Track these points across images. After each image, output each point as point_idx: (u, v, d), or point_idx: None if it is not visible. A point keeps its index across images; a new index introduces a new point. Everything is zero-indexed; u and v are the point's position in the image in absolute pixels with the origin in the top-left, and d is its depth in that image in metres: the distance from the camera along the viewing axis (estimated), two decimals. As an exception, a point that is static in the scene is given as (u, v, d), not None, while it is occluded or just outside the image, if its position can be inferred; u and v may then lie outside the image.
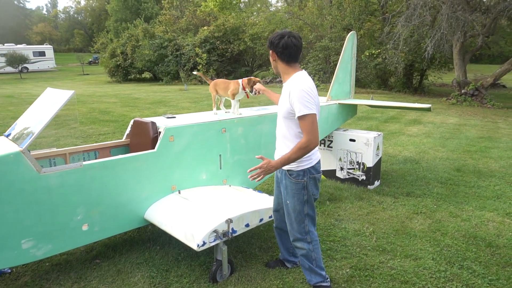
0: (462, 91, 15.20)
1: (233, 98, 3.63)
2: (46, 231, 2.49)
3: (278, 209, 2.82)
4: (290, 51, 2.37)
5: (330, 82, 17.38)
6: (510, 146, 7.47)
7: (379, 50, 17.32)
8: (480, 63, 30.96)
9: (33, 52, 38.43)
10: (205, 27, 24.51)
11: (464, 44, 15.35)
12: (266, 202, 3.06)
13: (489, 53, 24.31)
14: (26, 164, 2.34)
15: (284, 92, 2.45)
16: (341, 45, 19.37)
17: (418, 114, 11.36)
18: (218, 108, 3.91)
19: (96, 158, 3.32)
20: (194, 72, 4.34)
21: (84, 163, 2.61)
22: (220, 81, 3.78)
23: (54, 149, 3.06)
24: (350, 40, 5.26)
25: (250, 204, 2.97)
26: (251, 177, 2.38)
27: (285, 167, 2.48)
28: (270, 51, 2.43)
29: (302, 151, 2.34)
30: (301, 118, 2.31)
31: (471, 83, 15.27)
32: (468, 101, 14.63)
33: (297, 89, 2.33)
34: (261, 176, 2.38)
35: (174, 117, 3.49)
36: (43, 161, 2.98)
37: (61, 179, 2.50)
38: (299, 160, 2.42)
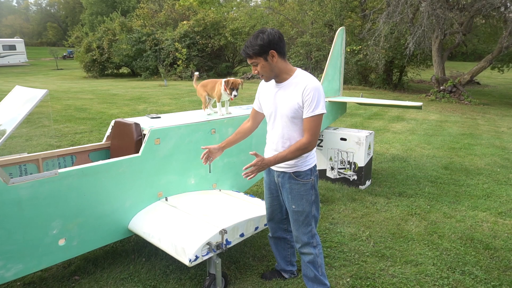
0: (441, 87, 15.45)
1: (219, 101, 3.40)
2: (16, 249, 2.19)
3: (272, 217, 2.63)
4: (284, 43, 2.20)
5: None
6: (492, 142, 7.57)
7: (360, 47, 17.38)
8: (454, 61, 31.71)
9: (3, 45, 36.57)
10: (185, 22, 23.95)
11: (442, 42, 15.59)
12: (259, 208, 2.87)
13: (463, 50, 24.91)
14: (-8, 174, 2.05)
15: (288, 90, 2.22)
16: (323, 41, 19.35)
17: (400, 111, 11.42)
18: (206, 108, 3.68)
19: (73, 164, 3.02)
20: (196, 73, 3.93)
21: (60, 171, 2.32)
22: (208, 81, 3.53)
23: (25, 154, 2.75)
24: (340, 36, 5.11)
25: (244, 211, 2.77)
26: (245, 174, 2.17)
27: (291, 169, 2.31)
28: (269, 56, 2.14)
29: (300, 152, 2.20)
30: (312, 117, 2.14)
31: (449, 80, 15.55)
32: (447, 97, 14.88)
33: (314, 86, 2.15)
34: (254, 174, 2.18)
35: (159, 117, 3.23)
36: (12, 168, 2.67)
37: (33, 190, 2.21)
38: (305, 159, 2.29)
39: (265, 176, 2.56)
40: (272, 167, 2.41)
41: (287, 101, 2.22)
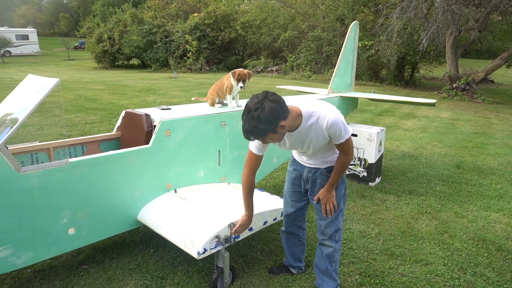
0: (454, 85, 15.18)
1: (230, 93, 3.37)
2: (26, 237, 2.21)
3: (289, 213, 2.62)
4: (284, 102, 1.97)
5: (322, 73, 17.32)
6: (506, 142, 7.42)
7: (372, 42, 17.14)
8: (468, 58, 31.11)
9: (16, 35, 36.91)
10: (196, 14, 23.88)
11: (456, 38, 15.29)
12: (269, 202, 2.84)
13: (477, 47, 24.42)
14: (3, 162, 2.05)
15: (308, 133, 2.13)
16: (334, 36, 19.14)
17: (411, 108, 11.27)
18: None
19: (83, 154, 3.03)
20: (192, 98, 3.94)
21: (71, 160, 2.33)
22: (213, 85, 3.50)
23: (37, 143, 2.76)
24: (353, 30, 5.03)
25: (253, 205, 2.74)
26: (330, 213, 2.36)
27: (324, 165, 2.35)
28: (278, 128, 1.94)
29: (346, 167, 2.27)
30: (343, 142, 2.15)
31: (462, 78, 15.26)
32: (459, 95, 14.63)
33: (332, 121, 2.06)
34: (330, 205, 2.34)
35: (170, 109, 3.22)
36: (24, 157, 2.68)
37: (44, 179, 2.21)
38: (337, 155, 2.32)
39: (290, 170, 2.55)
40: (305, 164, 2.43)
41: (312, 140, 2.16)
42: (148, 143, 2.74)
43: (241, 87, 3.24)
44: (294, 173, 2.52)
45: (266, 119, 1.88)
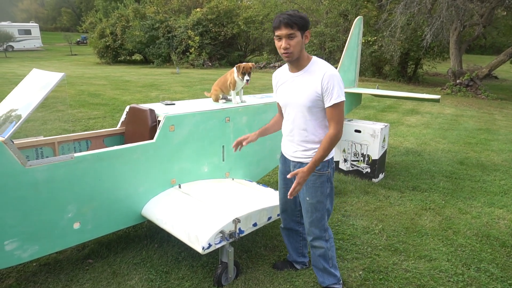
0: (457, 81, 15.10)
1: (234, 89, 3.36)
2: (32, 231, 2.22)
3: (285, 208, 2.61)
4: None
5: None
6: (509, 138, 7.39)
7: (375, 38, 17.04)
8: (472, 54, 30.84)
9: (18, 30, 36.93)
10: (198, 9, 23.80)
11: (461, 34, 15.17)
12: (273, 198, 2.85)
13: (481, 43, 24.21)
14: (9, 156, 2.06)
15: (305, 79, 2.16)
16: (337, 31, 19.03)
17: (414, 104, 11.22)
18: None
19: (88, 148, 3.03)
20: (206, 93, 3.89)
21: (76, 155, 2.33)
22: (217, 80, 3.50)
23: (41, 138, 2.77)
24: (357, 26, 5.00)
25: (257, 201, 2.75)
26: (291, 195, 2.13)
27: (308, 160, 2.25)
28: (304, 34, 2.07)
29: (333, 144, 2.16)
30: (335, 106, 2.10)
31: (466, 73, 15.17)
32: (463, 91, 14.54)
33: (332, 73, 2.10)
34: (300, 188, 2.15)
35: (174, 104, 3.22)
36: (29, 151, 2.69)
37: (50, 173, 2.22)
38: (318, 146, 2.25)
39: (280, 166, 2.53)
40: (289, 157, 2.38)
41: (305, 90, 2.16)
42: (152, 138, 2.74)
43: (247, 80, 3.22)
44: (283, 169, 2.49)
45: (305, 16, 2.06)
